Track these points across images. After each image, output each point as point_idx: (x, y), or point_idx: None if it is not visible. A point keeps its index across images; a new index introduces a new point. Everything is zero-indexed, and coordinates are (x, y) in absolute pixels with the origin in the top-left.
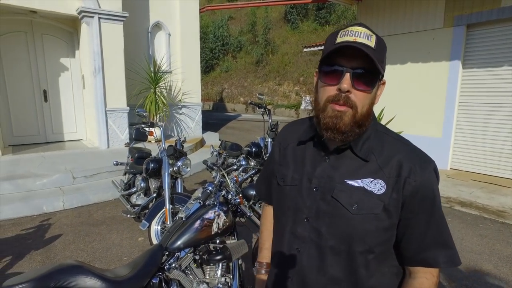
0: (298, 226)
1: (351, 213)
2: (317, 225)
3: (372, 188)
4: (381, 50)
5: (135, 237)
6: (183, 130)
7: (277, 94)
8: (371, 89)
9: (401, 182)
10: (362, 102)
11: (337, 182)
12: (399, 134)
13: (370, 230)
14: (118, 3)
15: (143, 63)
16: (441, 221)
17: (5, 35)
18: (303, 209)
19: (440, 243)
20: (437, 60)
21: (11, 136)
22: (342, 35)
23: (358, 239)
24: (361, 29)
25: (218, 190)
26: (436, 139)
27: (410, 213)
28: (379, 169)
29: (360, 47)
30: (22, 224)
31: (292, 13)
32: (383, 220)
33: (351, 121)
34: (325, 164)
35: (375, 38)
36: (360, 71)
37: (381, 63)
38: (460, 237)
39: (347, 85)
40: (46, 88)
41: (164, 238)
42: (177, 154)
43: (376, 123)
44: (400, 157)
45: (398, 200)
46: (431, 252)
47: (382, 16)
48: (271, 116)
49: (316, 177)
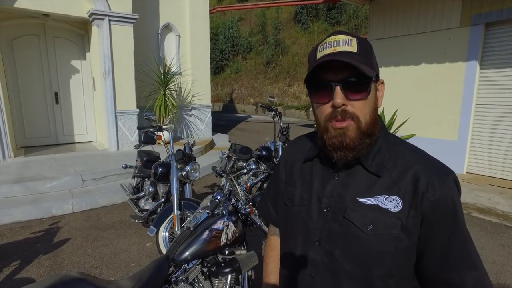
0: (310, 250)
1: (366, 234)
2: (330, 248)
3: (387, 206)
4: (366, 52)
5: (143, 243)
6: (193, 132)
7: (287, 95)
8: (366, 95)
9: (418, 197)
10: (363, 111)
11: (348, 201)
12: (413, 144)
13: (388, 252)
14: (128, 5)
15: (153, 64)
16: (466, 238)
17: (19, 38)
18: (314, 231)
19: (467, 263)
20: (453, 61)
21: (23, 138)
22: (320, 49)
23: (375, 262)
24: (339, 37)
25: (227, 199)
26: (451, 142)
27: (430, 229)
28: (393, 185)
29: (340, 58)
30: (32, 227)
31: (302, 13)
32: (402, 240)
33: (358, 134)
34: (335, 182)
35: (356, 41)
36: (350, 80)
37: (369, 65)
38: (479, 246)
39: (340, 100)
40: (57, 90)
41: (171, 249)
42: (185, 159)
43: (387, 133)
44: (416, 170)
45: (417, 218)
46: (457, 273)
47: (395, 16)
48: (281, 118)
49: (326, 197)
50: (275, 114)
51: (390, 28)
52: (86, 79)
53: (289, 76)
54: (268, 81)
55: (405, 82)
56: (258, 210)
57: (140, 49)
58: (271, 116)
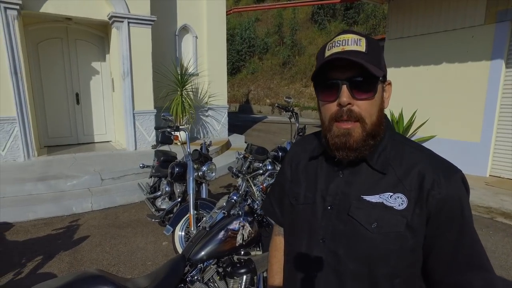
0: (314, 248)
1: (370, 232)
2: (334, 246)
3: (392, 204)
4: (375, 52)
5: (159, 241)
6: (209, 132)
7: (303, 96)
8: (373, 95)
9: (423, 195)
10: (369, 112)
11: (353, 199)
12: (419, 143)
13: (393, 251)
14: (147, 8)
15: (170, 65)
16: (474, 238)
17: (43, 41)
18: (318, 230)
19: (475, 264)
20: (476, 60)
21: (46, 138)
22: (329, 47)
23: (380, 261)
24: (348, 36)
25: (243, 200)
26: (473, 144)
27: (436, 230)
28: (398, 182)
29: (349, 57)
30: (53, 224)
31: (319, 13)
32: (407, 238)
33: (362, 135)
34: (339, 180)
35: (365, 41)
36: (356, 79)
37: (377, 65)
38: (505, 253)
39: (346, 98)
40: (78, 91)
41: (187, 248)
42: (202, 159)
43: (393, 132)
44: (421, 168)
45: (422, 216)
46: (464, 275)
47: (415, 14)
48: (298, 119)
49: (330, 195)
50: (291, 114)
51: (409, 27)
52: (106, 80)
53: (305, 76)
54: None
55: (425, 82)
56: (263, 209)
57: (158, 50)
58: (287, 117)
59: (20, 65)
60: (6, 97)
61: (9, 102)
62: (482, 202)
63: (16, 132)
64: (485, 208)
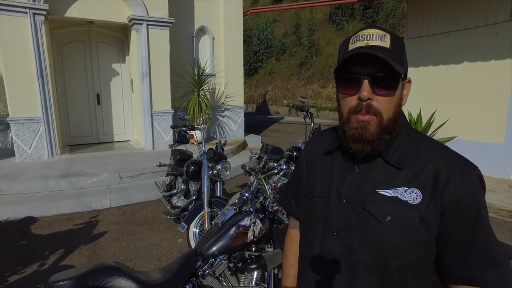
0: (328, 241)
1: (385, 225)
2: (348, 239)
3: (406, 198)
4: (398, 49)
5: (174, 238)
6: (226, 133)
7: (321, 97)
8: (394, 92)
9: (438, 190)
10: (387, 108)
11: (368, 193)
12: (435, 139)
13: (406, 244)
14: (165, 10)
15: (187, 66)
16: (489, 234)
17: (67, 45)
18: (332, 223)
19: (489, 260)
20: (500, 58)
21: (69, 137)
22: (353, 41)
23: (393, 254)
24: (373, 31)
25: (255, 197)
26: (497, 145)
27: (451, 225)
28: (413, 177)
29: (373, 52)
30: (74, 219)
31: (337, 13)
32: (421, 233)
33: (378, 129)
34: (355, 174)
35: (389, 37)
36: (378, 75)
37: (400, 62)
38: None
39: (366, 93)
40: (99, 92)
41: (199, 244)
42: (217, 157)
43: (409, 128)
44: (437, 164)
45: (437, 211)
46: (478, 270)
47: (435, 13)
48: (313, 119)
49: (345, 188)
50: (306, 114)
51: (429, 26)
52: (125, 81)
53: (323, 77)
54: (301, 83)
55: (445, 82)
56: (279, 202)
57: (175, 51)
58: (302, 117)
59: (46, 67)
60: (33, 98)
61: (35, 103)
62: (505, 205)
63: (41, 131)
64: (508, 212)
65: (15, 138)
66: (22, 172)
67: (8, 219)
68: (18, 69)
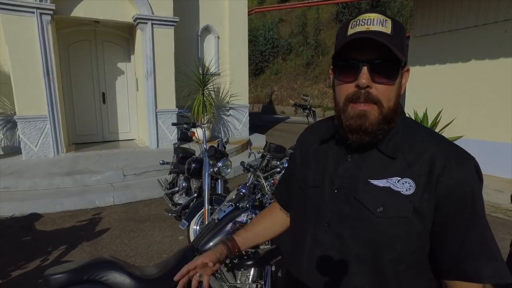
0: (320, 231)
1: (376, 216)
2: (340, 230)
3: (399, 188)
4: (399, 35)
5: (175, 236)
6: (230, 132)
7: (327, 97)
8: (394, 80)
9: (433, 180)
10: (387, 96)
11: (360, 183)
12: (432, 129)
13: (399, 236)
14: (170, 9)
15: (192, 65)
16: (484, 227)
17: (74, 44)
18: (325, 213)
19: (483, 253)
20: (509, 56)
21: (74, 135)
22: (353, 25)
23: (385, 245)
24: (374, 15)
25: (252, 193)
26: (505, 144)
27: (445, 216)
28: (407, 167)
29: (374, 37)
30: (78, 216)
31: (344, 13)
32: (415, 224)
33: (378, 119)
34: (348, 163)
35: (390, 22)
36: (378, 62)
37: (401, 49)
38: None
39: (365, 80)
40: (104, 90)
41: (196, 239)
42: (218, 155)
43: (405, 117)
44: (432, 153)
45: (431, 201)
46: (472, 264)
47: (442, 10)
48: (315, 117)
49: (339, 178)
50: (308, 112)
51: (435, 24)
52: (131, 80)
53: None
54: (308, 82)
55: (452, 80)
56: (274, 195)
57: (180, 50)
58: (304, 115)
59: (52, 66)
60: (39, 96)
61: (41, 102)
62: None
63: (47, 129)
64: None
65: (21, 136)
66: (29, 169)
67: (13, 215)
68: (25, 68)
